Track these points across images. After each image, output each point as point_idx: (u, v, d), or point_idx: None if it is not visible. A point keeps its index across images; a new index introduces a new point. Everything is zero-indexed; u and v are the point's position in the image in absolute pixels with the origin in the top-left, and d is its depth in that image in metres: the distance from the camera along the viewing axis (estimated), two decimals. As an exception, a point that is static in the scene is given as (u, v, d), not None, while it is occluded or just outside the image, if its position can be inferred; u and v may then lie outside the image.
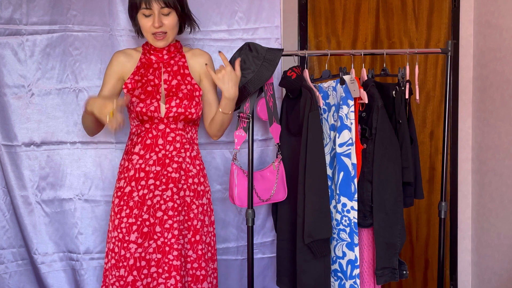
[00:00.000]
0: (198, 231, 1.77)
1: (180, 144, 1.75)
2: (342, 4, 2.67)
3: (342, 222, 1.82)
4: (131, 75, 1.76)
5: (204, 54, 1.87)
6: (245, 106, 1.89)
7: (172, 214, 1.72)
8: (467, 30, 2.61)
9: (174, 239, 1.71)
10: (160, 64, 1.79)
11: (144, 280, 1.70)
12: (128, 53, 1.81)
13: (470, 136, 2.66)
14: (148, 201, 1.71)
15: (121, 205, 1.71)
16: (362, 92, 1.80)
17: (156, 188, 1.72)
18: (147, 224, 1.71)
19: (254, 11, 2.14)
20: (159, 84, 1.75)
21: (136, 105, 1.71)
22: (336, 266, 1.87)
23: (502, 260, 2.37)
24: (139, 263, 1.69)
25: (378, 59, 2.65)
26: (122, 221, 1.70)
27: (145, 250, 1.70)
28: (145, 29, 1.72)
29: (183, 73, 1.80)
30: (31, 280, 2.11)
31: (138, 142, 1.74)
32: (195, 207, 1.78)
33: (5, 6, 1.98)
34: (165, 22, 1.70)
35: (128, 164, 1.74)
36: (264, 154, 2.19)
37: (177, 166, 1.74)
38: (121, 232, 1.70)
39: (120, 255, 1.69)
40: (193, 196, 1.78)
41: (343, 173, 1.81)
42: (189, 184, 1.77)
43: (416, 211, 2.73)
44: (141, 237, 1.69)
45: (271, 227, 2.23)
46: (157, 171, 1.72)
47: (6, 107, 2.00)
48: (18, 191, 2.02)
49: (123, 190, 1.73)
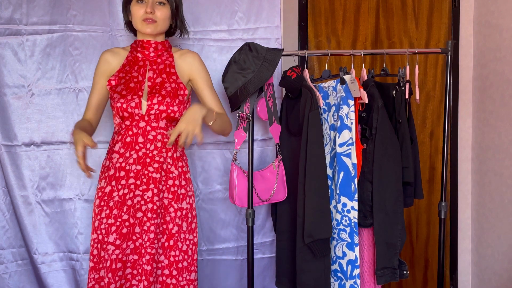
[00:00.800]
0: (173, 235, 1.71)
1: (162, 143, 1.70)
2: (342, 4, 2.67)
3: (342, 222, 1.82)
4: (116, 72, 1.75)
5: (191, 52, 1.84)
6: (245, 106, 1.89)
7: (151, 216, 1.68)
8: (467, 30, 2.61)
9: (149, 243, 1.67)
10: (146, 62, 1.77)
11: (118, 282, 1.67)
12: (115, 51, 1.80)
13: (470, 136, 2.66)
14: (129, 201, 1.67)
15: (101, 205, 1.68)
16: (362, 92, 1.80)
17: (136, 188, 1.68)
18: (126, 225, 1.67)
19: (254, 11, 2.14)
20: (143, 81, 1.72)
21: (117, 101, 1.68)
22: (336, 266, 1.87)
23: (502, 260, 2.37)
24: (115, 265, 1.66)
25: (378, 59, 2.65)
26: (102, 222, 1.67)
27: (123, 252, 1.67)
28: (136, 16, 1.71)
29: (168, 71, 1.76)
30: (31, 280, 2.11)
31: (118, 140, 1.70)
32: (172, 211, 1.72)
33: (5, 6, 1.98)
34: (157, 12, 1.70)
35: (108, 163, 1.71)
36: (264, 154, 2.19)
37: (158, 166, 1.69)
38: (100, 234, 1.67)
39: (100, 257, 1.67)
40: (171, 199, 1.72)
41: (344, 173, 1.81)
42: (169, 186, 1.72)
43: (416, 211, 2.73)
44: (119, 238, 1.66)
45: (271, 227, 2.23)
46: (138, 170, 1.68)
47: (6, 107, 2.00)
48: (18, 191, 2.02)
49: (103, 190, 1.69)
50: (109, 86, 1.73)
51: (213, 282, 2.21)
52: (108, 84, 1.73)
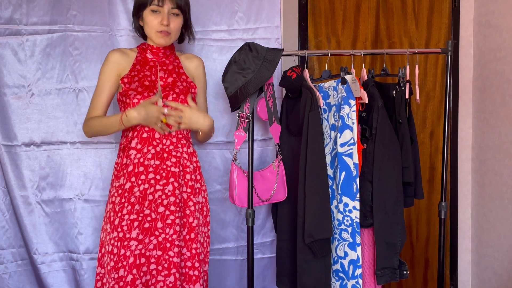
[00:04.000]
0: (194, 229, 1.76)
1: (177, 139, 1.76)
2: (342, 4, 2.67)
3: (344, 222, 1.82)
4: (128, 72, 1.77)
5: (197, 57, 1.94)
6: (245, 106, 1.89)
7: (174, 209, 1.72)
8: (467, 30, 2.62)
9: (175, 235, 1.71)
10: (156, 63, 1.81)
11: (143, 277, 1.69)
12: (124, 51, 1.82)
13: (470, 136, 2.66)
14: (150, 196, 1.70)
15: (122, 202, 1.69)
16: (362, 92, 1.80)
17: (157, 183, 1.71)
18: (148, 220, 1.69)
19: (254, 11, 2.14)
20: (156, 80, 1.76)
21: (133, 97, 1.70)
22: (337, 266, 1.87)
23: (502, 260, 2.37)
24: (139, 260, 1.68)
25: (378, 59, 2.65)
26: (123, 219, 1.68)
27: (146, 247, 1.69)
28: (151, 25, 1.73)
29: (178, 71, 1.82)
30: (31, 280, 2.10)
31: (134, 136, 1.73)
32: (191, 204, 1.77)
33: (5, 6, 1.97)
34: (171, 24, 1.74)
35: (126, 161, 1.73)
36: (264, 154, 2.19)
37: (176, 160, 1.74)
38: (121, 231, 1.67)
39: (120, 255, 1.67)
40: (190, 193, 1.77)
41: (345, 173, 1.81)
42: (187, 180, 1.77)
43: (416, 211, 2.73)
44: (142, 233, 1.68)
45: (271, 227, 2.23)
46: (156, 165, 1.71)
47: (6, 107, 2.00)
48: (18, 191, 2.02)
49: (123, 187, 1.70)
50: (122, 84, 1.75)
51: (213, 282, 2.21)
52: (121, 82, 1.75)
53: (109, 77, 1.78)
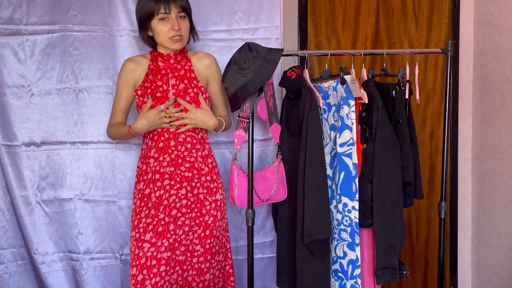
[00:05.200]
0: (209, 226, 1.85)
1: (191, 145, 1.83)
2: (342, 4, 2.67)
3: (343, 222, 1.82)
4: (141, 83, 1.82)
5: (208, 56, 1.93)
6: (245, 106, 1.89)
7: (185, 211, 1.81)
8: (467, 30, 2.61)
9: (184, 235, 1.81)
10: (168, 70, 1.84)
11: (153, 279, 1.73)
12: (137, 60, 1.87)
13: (470, 136, 2.66)
14: (165, 201, 1.79)
15: (141, 206, 1.80)
16: (362, 92, 1.80)
17: (171, 188, 1.79)
18: (162, 224, 1.77)
19: (254, 11, 2.14)
20: (167, 89, 1.80)
21: None
22: (336, 266, 1.87)
23: (502, 260, 2.37)
24: (150, 262, 1.74)
25: (378, 59, 2.65)
26: (141, 221, 1.78)
27: (158, 249, 1.75)
28: (162, 33, 1.76)
29: (189, 76, 1.85)
30: (31, 280, 2.11)
31: (152, 146, 1.82)
32: (207, 204, 1.85)
33: (5, 6, 1.98)
34: (181, 26, 1.76)
35: (146, 168, 1.83)
36: (264, 154, 2.19)
37: (190, 165, 1.82)
38: (138, 232, 1.77)
39: (135, 254, 1.75)
40: (206, 193, 1.85)
41: (344, 173, 1.81)
42: (202, 182, 1.84)
43: (416, 211, 2.73)
44: (155, 237, 1.76)
45: (271, 227, 2.23)
46: (171, 172, 1.79)
47: (6, 107, 2.00)
48: (18, 191, 2.02)
49: (143, 192, 1.81)
50: (136, 96, 1.81)
51: (213, 282, 2.21)
52: (136, 94, 1.81)
53: (125, 87, 1.86)
